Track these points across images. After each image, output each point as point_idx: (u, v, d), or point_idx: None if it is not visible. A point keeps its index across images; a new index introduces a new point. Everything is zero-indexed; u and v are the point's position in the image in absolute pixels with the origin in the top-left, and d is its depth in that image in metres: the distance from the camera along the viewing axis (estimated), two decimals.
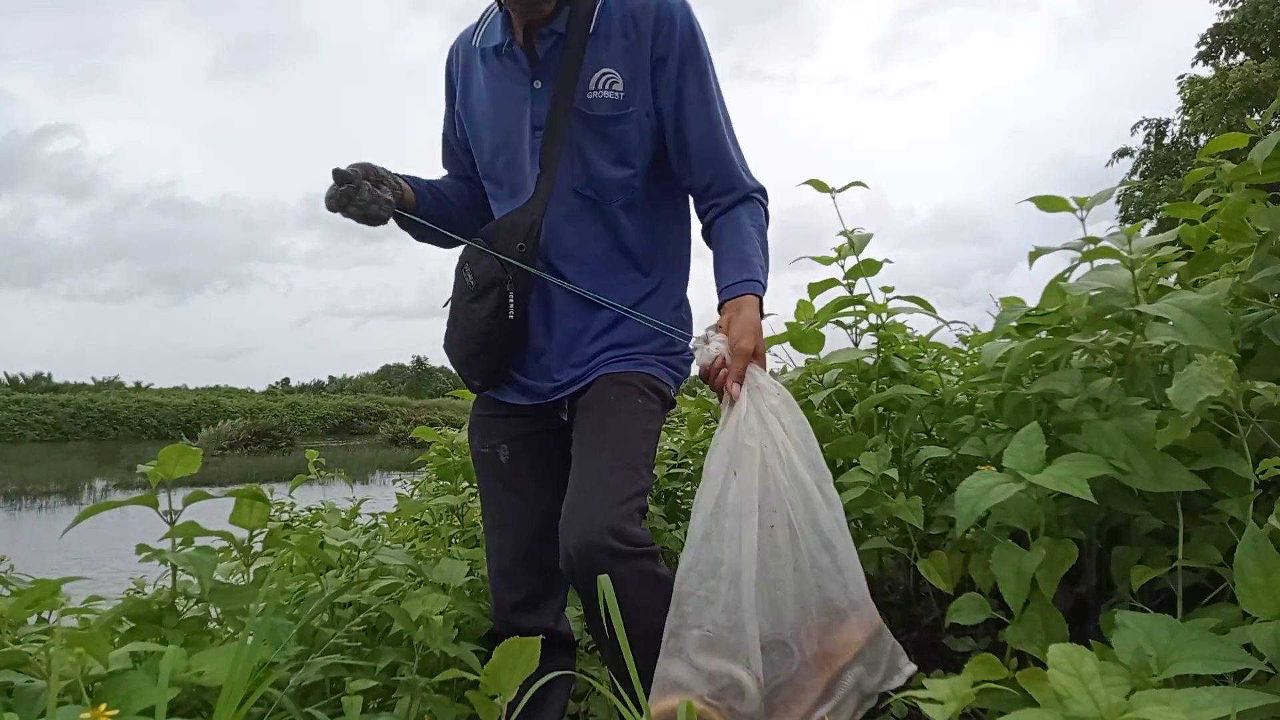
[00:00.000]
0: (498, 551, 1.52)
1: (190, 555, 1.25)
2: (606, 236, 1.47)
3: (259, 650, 1.04)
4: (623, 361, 1.44)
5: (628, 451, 1.33)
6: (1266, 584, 0.92)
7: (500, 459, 1.52)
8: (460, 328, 1.48)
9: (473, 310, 1.44)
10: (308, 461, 2.41)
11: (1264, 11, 20.63)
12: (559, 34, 1.40)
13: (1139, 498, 1.24)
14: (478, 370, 1.51)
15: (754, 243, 1.41)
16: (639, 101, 1.42)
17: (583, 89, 1.40)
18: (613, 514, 1.24)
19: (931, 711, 0.92)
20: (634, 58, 1.41)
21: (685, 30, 1.41)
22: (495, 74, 1.48)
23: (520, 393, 1.51)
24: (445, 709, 1.38)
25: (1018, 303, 1.57)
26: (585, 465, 1.35)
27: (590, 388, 1.44)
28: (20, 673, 1.04)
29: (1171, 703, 0.80)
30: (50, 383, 51.58)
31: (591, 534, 1.21)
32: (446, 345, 1.54)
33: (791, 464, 1.21)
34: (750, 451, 1.19)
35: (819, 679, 1.18)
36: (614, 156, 1.43)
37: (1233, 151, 1.35)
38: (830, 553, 1.20)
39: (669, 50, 1.40)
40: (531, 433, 1.52)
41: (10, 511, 14.62)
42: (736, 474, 1.19)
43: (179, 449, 1.25)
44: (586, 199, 1.45)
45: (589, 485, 1.30)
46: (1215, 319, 1.07)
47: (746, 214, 1.44)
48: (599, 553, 1.20)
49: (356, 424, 40.23)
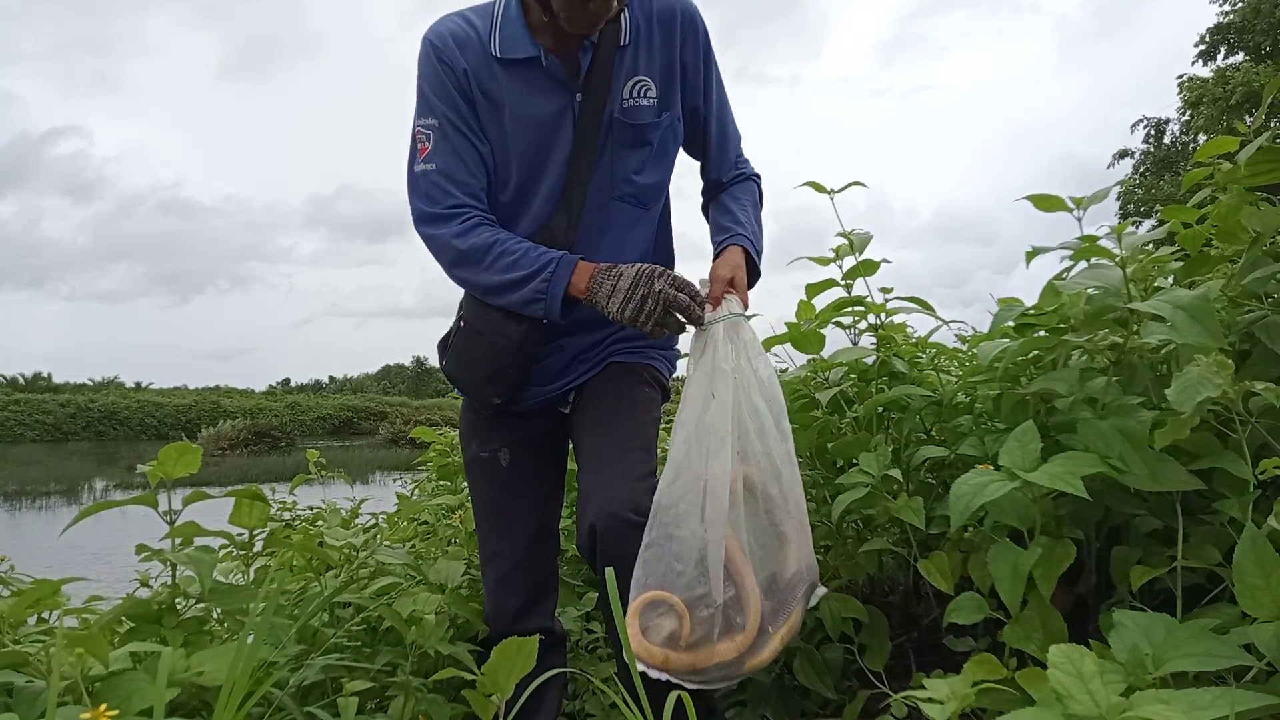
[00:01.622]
0: (498, 557, 1.51)
1: (190, 555, 1.25)
2: (642, 241, 1.52)
3: (259, 650, 1.04)
4: (630, 354, 1.50)
5: (640, 434, 1.38)
6: (1266, 584, 0.93)
7: (501, 463, 1.52)
8: (487, 344, 1.43)
9: (507, 325, 1.40)
10: (308, 461, 2.41)
11: (1265, 11, 20.62)
12: (593, 44, 1.39)
13: (1138, 497, 1.24)
14: (503, 387, 1.46)
15: (749, 213, 1.52)
16: (671, 106, 1.46)
17: (618, 98, 1.41)
18: (634, 489, 1.27)
19: (931, 711, 0.93)
20: (663, 63, 1.43)
21: (704, 32, 1.47)
22: (528, 87, 1.39)
23: (524, 396, 1.51)
24: (440, 708, 1.38)
25: (1016, 303, 1.57)
26: (602, 444, 1.38)
27: (598, 374, 1.49)
28: (20, 673, 1.04)
29: (1171, 702, 0.80)
30: (50, 383, 51.56)
31: (616, 507, 1.25)
32: (459, 366, 1.48)
33: (755, 394, 1.30)
34: (725, 375, 1.28)
35: (766, 599, 1.27)
36: (654, 162, 1.47)
37: (1230, 153, 1.35)
38: (778, 482, 1.30)
39: (694, 55, 1.46)
40: (530, 436, 1.53)
41: (10, 511, 14.61)
42: (715, 395, 1.27)
43: (179, 447, 1.25)
44: (626, 206, 1.47)
45: (609, 462, 1.33)
46: (1205, 313, 1.07)
47: (745, 190, 1.56)
48: (623, 525, 1.24)
49: (357, 424, 40.20)
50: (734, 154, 1.58)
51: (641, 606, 1.20)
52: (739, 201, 1.54)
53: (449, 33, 1.38)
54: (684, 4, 1.44)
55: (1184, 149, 22.79)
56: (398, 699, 1.38)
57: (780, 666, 1.67)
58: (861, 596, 1.71)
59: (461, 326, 1.48)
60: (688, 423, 1.28)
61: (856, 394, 1.76)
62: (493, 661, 0.98)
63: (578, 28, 1.32)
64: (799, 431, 1.73)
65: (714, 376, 1.28)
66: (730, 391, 1.27)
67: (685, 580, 1.21)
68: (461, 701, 1.34)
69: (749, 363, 1.31)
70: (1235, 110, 19.42)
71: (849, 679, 1.63)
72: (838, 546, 1.74)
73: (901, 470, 1.57)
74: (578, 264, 1.33)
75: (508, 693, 0.99)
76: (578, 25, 1.31)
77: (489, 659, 0.98)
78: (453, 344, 1.50)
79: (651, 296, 1.28)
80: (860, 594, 1.75)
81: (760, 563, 1.28)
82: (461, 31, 1.39)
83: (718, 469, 1.23)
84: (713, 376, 1.28)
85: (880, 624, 1.59)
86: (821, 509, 1.73)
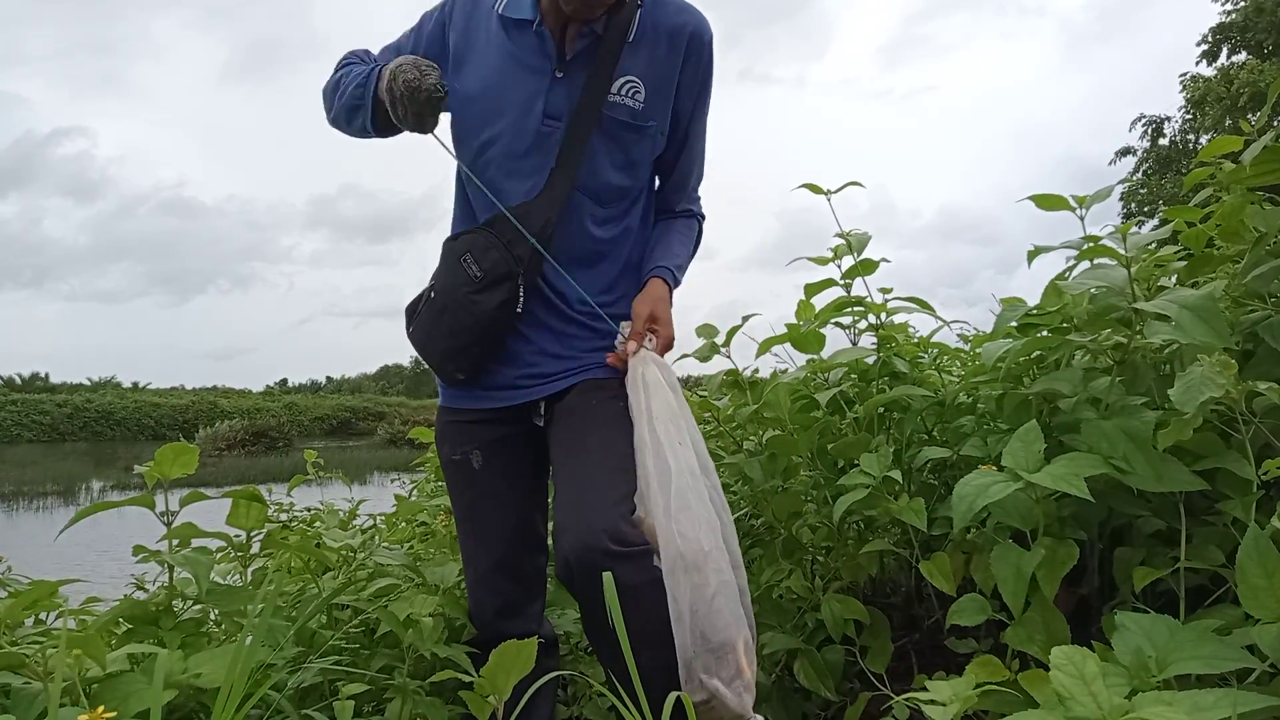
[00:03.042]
0: (475, 559, 1.51)
1: (187, 556, 1.25)
2: (604, 239, 1.49)
3: (256, 652, 1.03)
4: (604, 369, 1.46)
5: (614, 454, 1.34)
6: (1269, 585, 0.92)
7: (474, 465, 1.50)
8: (452, 318, 1.43)
9: (475, 302, 1.40)
10: (305, 462, 2.41)
11: (1268, 10, 20.64)
12: (597, 34, 1.39)
13: (1141, 498, 1.24)
14: (465, 364, 1.46)
15: (682, 247, 1.56)
16: (657, 116, 1.45)
17: (603, 91, 1.40)
18: (609, 516, 1.24)
19: (933, 713, 0.92)
20: (661, 75, 1.43)
21: (710, 61, 1.48)
22: (515, 47, 1.41)
23: (492, 397, 1.49)
24: (436, 711, 1.37)
25: (1018, 302, 1.57)
26: (574, 470, 1.35)
27: (569, 392, 1.45)
28: (18, 674, 1.03)
29: (1174, 704, 0.80)
30: (47, 383, 51.51)
31: (590, 538, 1.22)
32: (426, 336, 1.48)
33: (690, 436, 1.35)
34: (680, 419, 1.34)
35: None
36: (622, 163, 1.45)
37: (1233, 153, 1.35)
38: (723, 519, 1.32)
39: (693, 79, 1.46)
40: (503, 436, 1.51)
41: (7, 512, 14.58)
42: (681, 443, 1.31)
43: (176, 448, 1.24)
44: (584, 197, 1.45)
45: (581, 490, 1.30)
46: (1211, 313, 1.07)
47: (687, 227, 1.60)
48: (599, 556, 1.20)
49: (354, 424, 40.19)
50: (693, 187, 1.59)
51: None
52: (675, 234, 1.56)
53: None
54: (697, 27, 1.44)
55: (1185, 148, 22.82)
56: (394, 701, 1.37)
57: (781, 668, 1.66)
58: (863, 598, 1.70)
59: (431, 298, 1.48)
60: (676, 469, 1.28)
61: (857, 394, 1.75)
62: (491, 663, 0.98)
63: (576, 12, 1.33)
64: (799, 432, 1.73)
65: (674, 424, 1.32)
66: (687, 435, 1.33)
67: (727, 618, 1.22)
68: (458, 703, 1.34)
69: (681, 408, 1.37)
70: (1242, 110, 19.44)
71: (850, 680, 1.62)
72: (839, 547, 1.74)
73: (903, 471, 1.56)
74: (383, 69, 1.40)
75: (505, 694, 0.98)
76: (576, 10, 1.33)
77: (479, 659, 0.97)
78: (420, 313, 1.50)
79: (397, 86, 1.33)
80: (862, 595, 1.75)
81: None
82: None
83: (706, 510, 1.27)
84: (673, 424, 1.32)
85: (882, 625, 1.58)
86: (822, 510, 1.73)
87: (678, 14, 1.43)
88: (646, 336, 1.41)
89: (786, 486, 1.81)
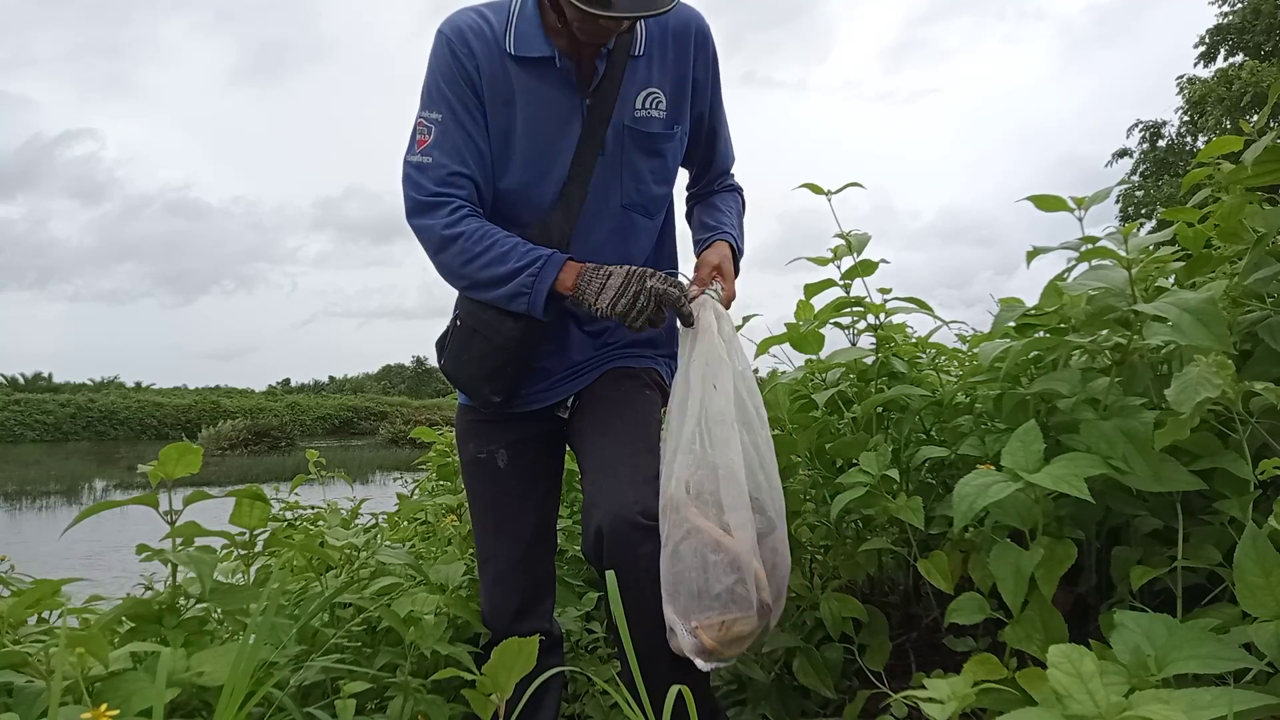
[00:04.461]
0: (495, 559, 1.52)
1: (191, 555, 1.25)
2: (646, 248, 1.55)
3: (259, 650, 1.04)
4: (630, 359, 1.52)
5: (645, 437, 1.39)
6: (1266, 584, 0.93)
7: (499, 464, 1.52)
8: (483, 340, 1.43)
9: (503, 324, 1.40)
10: (308, 461, 2.41)
11: (1265, 12, 20.60)
12: (607, 50, 1.40)
13: (1138, 498, 1.24)
14: (500, 385, 1.46)
15: (734, 218, 1.59)
16: (681, 120, 1.48)
17: (630, 107, 1.42)
18: (642, 492, 1.28)
19: (931, 711, 0.92)
20: (676, 77, 1.46)
21: (714, 50, 1.51)
22: (540, 85, 1.39)
23: (524, 399, 1.51)
24: (438, 709, 1.38)
25: (1017, 303, 1.57)
26: (608, 448, 1.38)
27: (598, 380, 1.49)
28: (20, 673, 1.04)
29: (1171, 702, 0.80)
30: (50, 383, 51.54)
31: (624, 510, 1.26)
32: (456, 363, 1.47)
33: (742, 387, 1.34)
34: (724, 364, 1.31)
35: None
36: (661, 173, 1.50)
37: (1232, 154, 1.35)
38: (763, 470, 1.32)
39: (705, 72, 1.50)
40: (528, 437, 1.53)
41: (10, 511, 14.60)
42: (716, 386, 1.29)
43: (180, 447, 1.25)
44: (635, 215, 1.49)
45: (614, 466, 1.34)
46: (1212, 317, 1.07)
47: (732, 198, 1.63)
48: (631, 529, 1.24)
49: (357, 424, 40.20)
50: (730, 168, 1.65)
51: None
52: (726, 204, 1.60)
53: (465, 26, 1.38)
54: (697, 20, 1.47)
55: (1183, 150, 22.79)
56: (396, 699, 1.38)
57: (780, 666, 1.67)
58: (861, 596, 1.71)
59: (458, 325, 1.48)
60: (693, 413, 1.29)
61: (855, 394, 1.76)
62: (493, 661, 0.98)
63: (590, 38, 1.33)
64: (798, 432, 1.73)
65: (714, 368, 1.31)
66: (729, 381, 1.31)
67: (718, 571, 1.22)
68: (460, 701, 1.34)
69: (732, 356, 1.35)
70: (1244, 111, 19.37)
71: (849, 679, 1.63)
72: (837, 546, 1.75)
73: (901, 470, 1.57)
74: (566, 262, 1.36)
75: (508, 692, 0.99)
76: (590, 35, 1.32)
77: (485, 659, 0.98)
78: (450, 343, 1.50)
79: (644, 293, 1.32)
80: (860, 594, 1.75)
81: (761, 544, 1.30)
82: (476, 26, 1.39)
83: (733, 456, 1.26)
84: (713, 367, 1.31)
85: (880, 624, 1.59)
86: (820, 509, 1.73)
87: (673, 15, 1.44)
88: (712, 285, 1.42)
89: (785, 485, 1.81)
